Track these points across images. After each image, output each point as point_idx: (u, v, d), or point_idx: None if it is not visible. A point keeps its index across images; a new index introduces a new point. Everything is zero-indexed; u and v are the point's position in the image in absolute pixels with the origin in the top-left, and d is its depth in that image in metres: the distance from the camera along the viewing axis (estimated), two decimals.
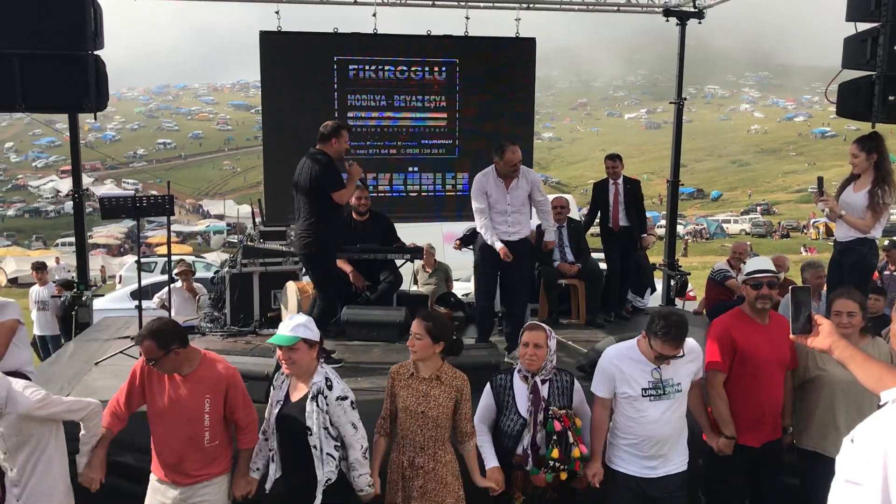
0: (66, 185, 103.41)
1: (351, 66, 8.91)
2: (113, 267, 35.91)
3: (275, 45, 8.69)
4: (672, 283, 9.94)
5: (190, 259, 18.66)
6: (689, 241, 49.08)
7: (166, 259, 19.45)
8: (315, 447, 3.87)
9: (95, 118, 6.07)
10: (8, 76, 5.36)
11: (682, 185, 10.71)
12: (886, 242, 10.40)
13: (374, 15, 8.88)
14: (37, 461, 3.89)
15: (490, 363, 5.60)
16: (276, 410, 4.01)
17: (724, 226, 59.44)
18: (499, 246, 6.33)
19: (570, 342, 7.19)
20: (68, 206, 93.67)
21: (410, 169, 9.34)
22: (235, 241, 62.62)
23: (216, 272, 9.19)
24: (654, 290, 9.71)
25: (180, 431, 3.94)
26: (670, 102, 10.24)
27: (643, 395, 4.04)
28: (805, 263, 7.63)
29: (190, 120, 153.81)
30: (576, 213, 12.38)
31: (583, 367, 5.94)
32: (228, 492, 4.12)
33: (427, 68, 9.14)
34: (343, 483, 3.97)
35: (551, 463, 4.00)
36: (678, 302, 10.28)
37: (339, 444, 3.94)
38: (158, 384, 3.98)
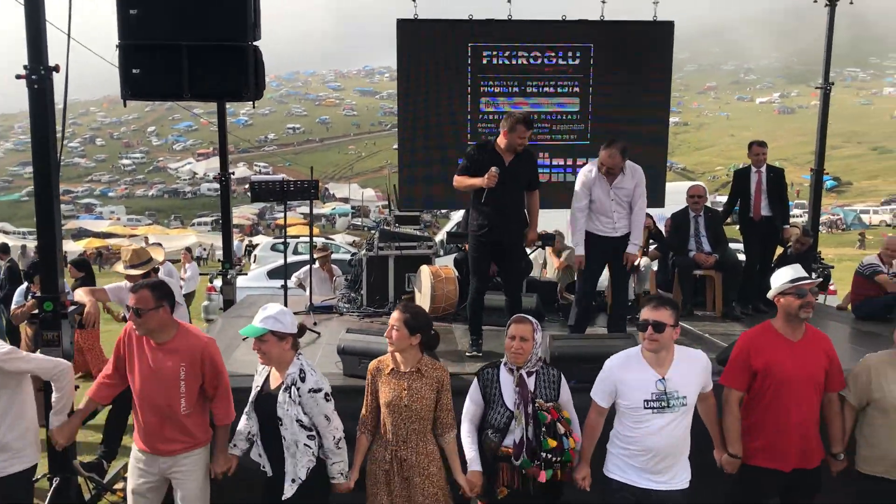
0: (201, 167, 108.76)
1: (485, 52, 8.92)
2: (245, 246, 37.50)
3: (411, 33, 8.80)
4: (814, 276, 9.49)
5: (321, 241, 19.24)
6: (826, 231, 46.55)
7: (298, 240, 20.03)
8: (285, 438, 3.90)
9: (254, 105, 6.35)
10: (177, 66, 5.67)
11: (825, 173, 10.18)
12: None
13: (510, 1, 8.85)
14: (7, 409, 4.13)
15: None
16: (255, 396, 4.06)
17: (863, 216, 56.20)
18: (580, 251, 6.38)
19: (706, 335, 7.02)
20: (204, 187, 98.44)
21: (541, 154, 9.28)
22: (359, 223, 63.95)
23: (353, 255, 9.46)
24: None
25: (158, 399, 4.03)
26: (816, 87, 9.77)
27: (645, 407, 3.84)
28: None
29: (318, 105, 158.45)
30: None
31: (722, 361, 5.77)
32: (208, 465, 4.18)
33: (561, 53, 9.03)
34: (322, 473, 3.99)
35: (545, 455, 3.89)
36: (819, 297, 9.84)
37: (313, 433, 3.95)
38: (138, 352, 4.07)
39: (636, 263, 7.97)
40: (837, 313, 8.87)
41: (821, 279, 4.09)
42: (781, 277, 4.28)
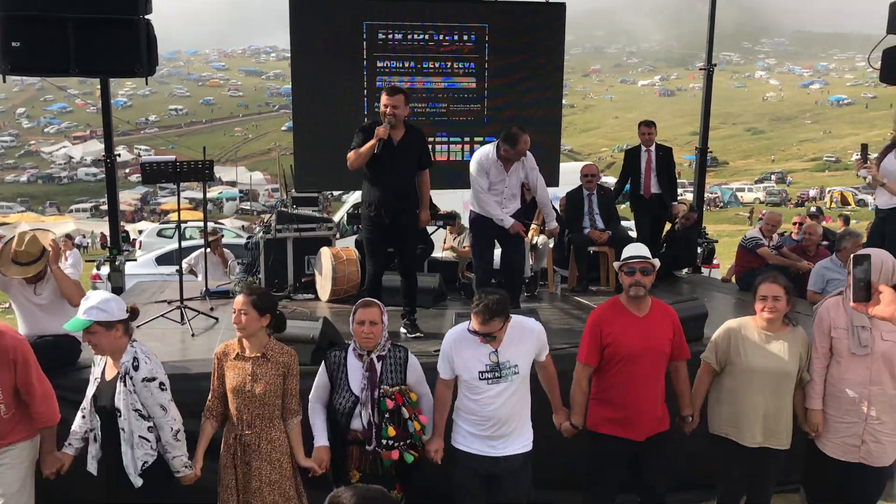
0: (78, 151, 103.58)
1: (381, 31, 8.84)
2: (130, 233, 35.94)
3: (304, 10, 8.61)
4: (699, 250, 9.92)
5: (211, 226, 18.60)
6: (706, 208, 48.55)
7: (186, 225, 19.35)
8: (123, 430, 3.80)
9: (147, 83, 6.07)
10: (62, 40, 5.33)
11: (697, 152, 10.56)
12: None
13: None
14: None
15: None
16: (93, 389, 3.95)
17: (739, 194, 59.01)
18: (510, 222, 6.35)
19: None
20: (81, 171, 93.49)
21: (439, 134, 9.30)
22: (248, 207, 62.21)
23: (249, 238, 9.23)
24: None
25: None
26: (700, 68, 10.15)
27: (480, 378, 4.01)
28: (843, 232, 7.58)
29: (201, 86, 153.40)
30: None
31: None
32: (32, 461, 4.05)
33: (456, 33, 9.05)
34: (162, 465, 3.90)
35: (385, 441, 3.97)
36: (704, 270, 10.30)
37: (152, 425, 3.85)
38: None
39: (534, 241, 8.12)
40: (722, 285, 9.32)
41: (657, 259, 4.23)
42: (623, 254, 4.44)
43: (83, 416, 4.03)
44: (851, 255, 2.73)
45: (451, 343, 4.12)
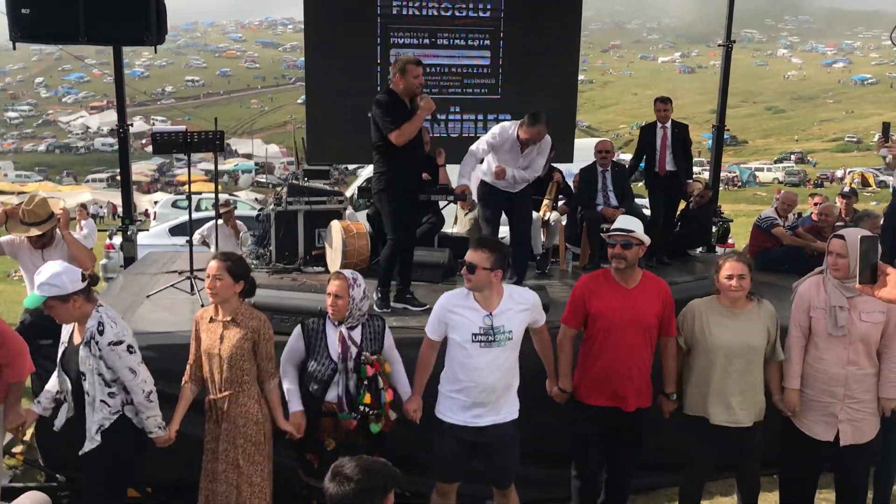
0: (95, 121, 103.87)
1: (395, 3, 8.76)
2: (143, 203, 36.12)
3: None
4: (714, 229, 9.83)
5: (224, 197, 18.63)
6: (723, 188, 48.18)
7: (201, 196, 19.40)
8: (88, 393, 3.84)
9: (156, 51, 6.04)
10: (71, 7, 5.32)
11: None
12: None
13: None
14: None
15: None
16: (61, 352, 3.99)
17: (757, 174, 58.48)
18: (463, 182, 6.38)
19: None
20: (98, 142, 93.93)
21: (452, 109, 9.22)
22: (264, 180, 62.45)
23: (260, 210, 9.22)
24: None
25: None
26: (719, 45, 10.00)
27: (473, 341, 4.01)
28: (861, 213, 7.47)
29: (218, 57, 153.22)
30: None
31: None
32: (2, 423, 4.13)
33: (471, 5, 8.95)
34: (123, 429, 3.91)
35: (362, 408, 3.99)
36: (719, 249, 10.21)
37: (114, 390, 3.86)
38: None
39: (546, 218, 8.06)
40: None
41: (645, 235, 4.23)
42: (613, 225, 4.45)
43: (56, 377, 4.09)
44: (858, 237, 2.67)
45: (447, 303, 4.13)
